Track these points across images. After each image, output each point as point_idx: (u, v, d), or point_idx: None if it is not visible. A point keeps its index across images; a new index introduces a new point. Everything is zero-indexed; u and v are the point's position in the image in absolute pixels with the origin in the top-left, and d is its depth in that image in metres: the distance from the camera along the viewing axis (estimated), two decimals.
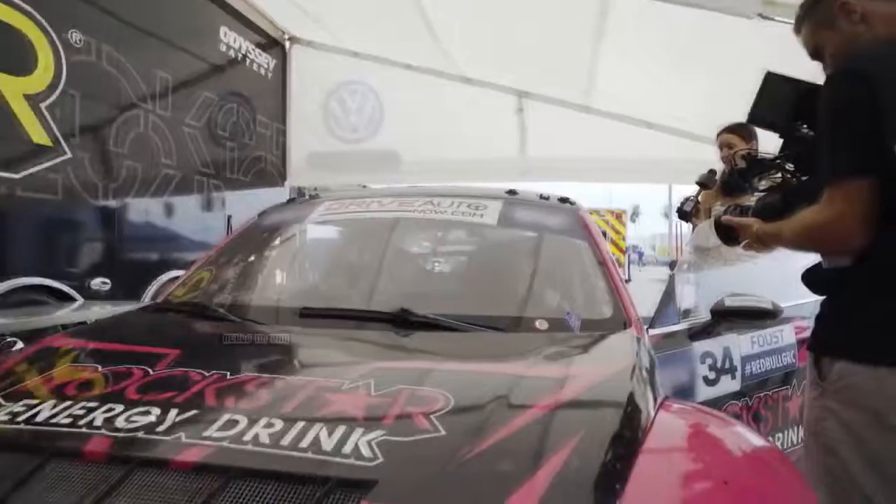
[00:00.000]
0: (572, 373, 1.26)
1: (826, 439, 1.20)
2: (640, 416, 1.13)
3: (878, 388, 1.12)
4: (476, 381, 1.19)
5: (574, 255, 1.93)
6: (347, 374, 1.14)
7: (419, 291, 1.82)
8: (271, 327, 1.55)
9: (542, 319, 1.59)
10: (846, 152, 1.16)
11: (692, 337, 1.87)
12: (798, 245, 1.34)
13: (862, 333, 1.18)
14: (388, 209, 2.04)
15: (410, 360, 1.39)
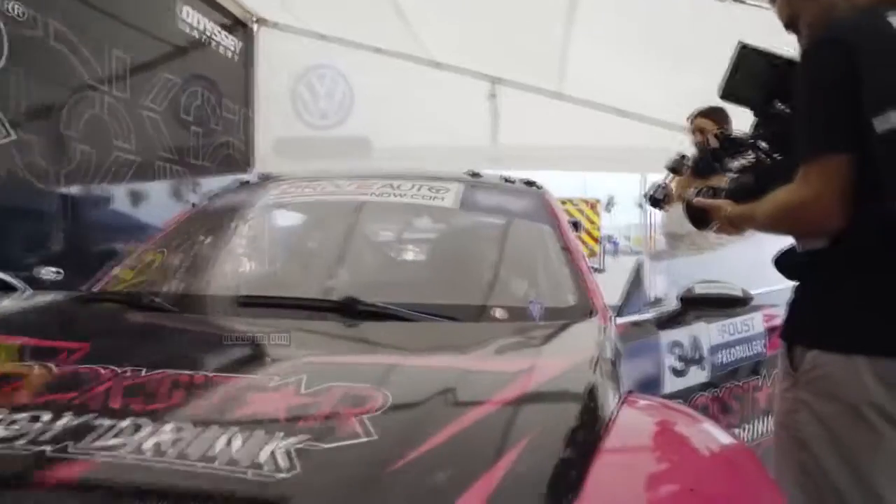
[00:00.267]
0: (528, 366, 1.15)
1: (798, 433, 1.13)
2: (600, 412, 1.03)
3: (852, 378, 1.06)
4: (421, 376, 1.08)
5: (538, 240, 1.82)
6: (279, 369, 1.02)
7: (371, 278, 1.70)
8: (207, 318, 1.42)
9: (500, 308, 1.48)
10: (823, 127, 1.09)
11: (660, 326, 1.78)
12: (771, 227, 1.26)
13: (836, 320, 1.11)
14: (343, 192, 1.91)
15: (352, 353, 1.27)
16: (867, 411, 1.05)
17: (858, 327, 1.09)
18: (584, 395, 1.03)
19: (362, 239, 1.86)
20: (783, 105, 1.32)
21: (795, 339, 1.19)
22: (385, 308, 1.42)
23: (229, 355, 1.16)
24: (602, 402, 1.06)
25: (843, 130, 1.06)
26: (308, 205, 1.97)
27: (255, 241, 1.96)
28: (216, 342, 1.25)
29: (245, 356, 1.15)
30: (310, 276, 1.67)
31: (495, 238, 1.88)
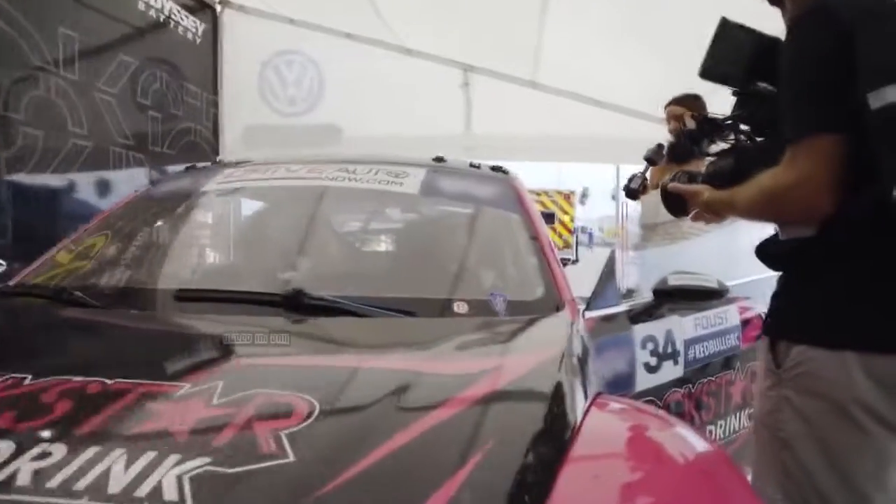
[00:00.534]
0: (488, 367, 1.01)
1: (781, 432, 1.06)
2: (566, 418, 0.91)
3: (840, 375, 0.98)
4: (364, 380, 0.94)
5: (504, 228, 1.69)
6: (194, 374, 0.87)
7: (321, 270, 1.55)
8: (131, 314, 1.26)
9: (461, 302, 1.34)
10: (812, 105, 1.00)
11: (633, 319, 1.66)
12: (754, 213, 1.17)
13: (824, 314, 1.03)
14: (295, 176, 1.75)
15: (289, 354, 1.12)
16: (854, 409, 0.98)
17: (848, 321, 1.01)
18: (548, 399, 0.91)
19: (313, 227, 1.71)
20: (766, 84, 1.23)
21: (779, 333, 1.10)
22: (335, 302, 1.28)
23: (141, 359, 1.00)
24: (569, 406, 0.94)
25: (833, 108, 0.97)
26: (256, 190, 1.80)
27: (197, 229, 1.79)
28: (131, 343, 1.10)
29: (159, 359, 0.99)
30: (254, 268, 1.51)
31: (458, 227, 1.74)
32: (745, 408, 1.95)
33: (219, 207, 1.85)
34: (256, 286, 1.38)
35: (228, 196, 1.81)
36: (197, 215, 1.80)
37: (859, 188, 0.98)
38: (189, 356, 1.04)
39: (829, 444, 1.01)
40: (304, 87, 5.05)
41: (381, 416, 0.79)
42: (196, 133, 4.57)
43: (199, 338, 1.13)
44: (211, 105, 4.78)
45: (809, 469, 1.02)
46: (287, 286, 1.31)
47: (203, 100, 4.65)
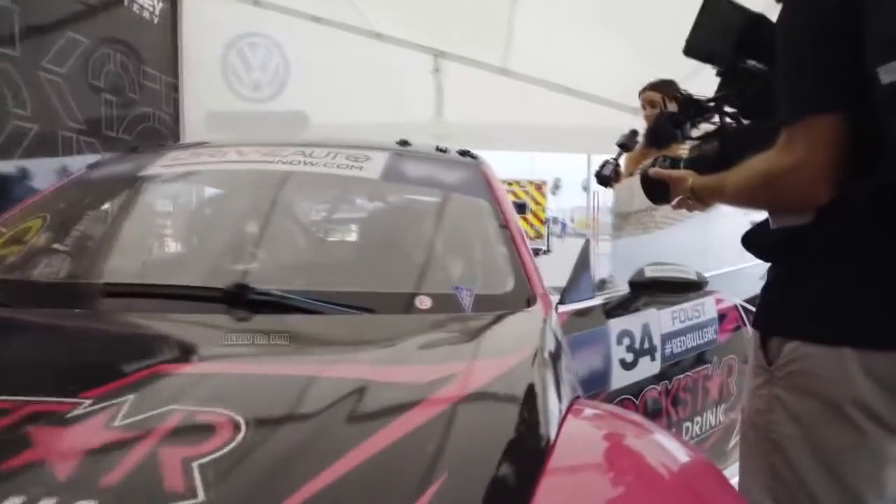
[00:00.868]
0: (451, 372, 0.88)
1: (771, 433, 0.98)
2: (541, 430, 0.79)
3: (837, 373, 0.90)
4: (304, 391, 0.80)
5: (472, 216, 1.56)
6: (101, 387, 0.72)
7: (270, 261, 1.40)
8: (47, 312, 1.09)
9: (424, 296, 1.21)
10: (812, 81, 0.90)
11: (608, 313, 1.55)
12: (745, 200, 1.08)
13: (821, 307, 0.93)
14: (246, 160, 1.59)
15: (222, 358, 0.96)
16: (849, 409, 0.89)
17: (847, 316, 0.91)
18: (521, 409, 0.80)
19: (264, 215, 1.56)
20: (755, 62, 1.13)
21: (771, 328, 1.00)
22: (283, 297, 1.14)
23: (40, 368, 0.83)
24: (543, 416, 0.83)
25: (836, 84, 0.88)
26: (203, 174, 1.63)
27: (134, 216, 1.61)
28: (32, 348, 0.93)
29: (62, 368, 0.83)
30: (195, 259, 1.35)
31: (422, 214, 1.61)
32: (721, 403, 1.88)
33: (160, 193, 1.67)
34: (196, 280, 1.23)
35: (172, 181, 1.63)
36: (135, 201, 1.62)
37: (861, 172, 0.89)
38: (99, 364, 0.86)
39: (823, 445, 0.93)
40: (270, 72, 4.85)
41: (323, 438, 0.65)
42: (155, 118, 4.32)
43: (118, 341, 0.98)
44: (171, 89, 4.53)
45: (801, 472, 0.95)
46: (230, 280, 1.17)
47: (162, 83, 4.40)
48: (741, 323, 2.00)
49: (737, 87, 1.19)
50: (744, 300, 2.08)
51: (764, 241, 1.06)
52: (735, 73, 1.19)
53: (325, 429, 0.67)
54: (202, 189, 1.70)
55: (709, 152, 1.21)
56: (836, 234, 0.92)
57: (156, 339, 0.97)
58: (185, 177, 1.63)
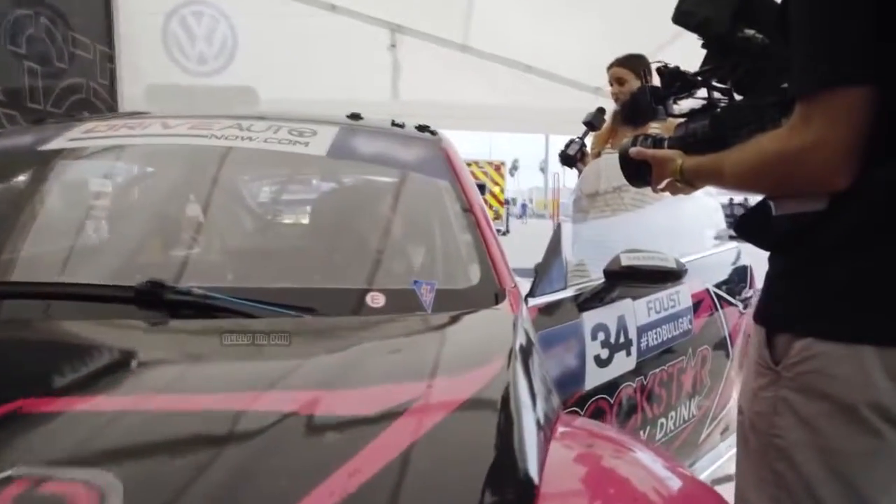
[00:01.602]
0: (406, 398, 0.69)
1: (778, 439, 0.88)
2: (522, 475, 0.62)
3: (854, 374, 0.80)
4: (210, 440, 0.60)
5: (432, 199, 1.37)
6: None
7: (193, 254, 1.18)
8: None
9: (377, 293, 1.02)
10: (834, 50, 0.79)
11: (582, 306, 1.40)
12: (750, 184, 0.97)
13: (839, 302, 0.83)
14: (172, 133, 1.35)
15: (107, 388, 0.73)
16: (866, 412, 0.80)
17: (870, 310, 0.80)
18: (496, 446, 0.62)
19: (190, 198, 1.32)
20: (754, 31, 1.02)
21: (779, 324, 0.89)
22: (206, 298, 0.93)
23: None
24: (522, 452, 0.65)
25: (862, 54, 0.77)
26: (118, 150, 1.37)
27: (30, 200, 1.34)
28: None
29: None
30: (101, 252, 1.12)
31: (376, 197, 1.41)
32: (694, 396, 1.76)
33: (64, 172, 1.39)
34: (101, 277, 1.01)
35: (80, 158, 1.35)
36: (32, 183, 1.35)
37: (883, 153, 0.77)
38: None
39: (835, 451, 0.83)
40: (216, 44, 4.50)
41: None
42: (88, 90, 3.93)
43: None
44: (106, 59, 4.13)
45: (810, 480, 0.85)
46: (142, 276, 0.95)
47: (96, 52, 4.00)
48: (714, 308, 1.88)
49: (732, 59, 1.06)
50: (713, 285, 1.97)
51: (766, 229, 0.95)
52: (730, 44, 1.05)
53: (235, 500, 0.48)
54: (118, 167, 1.44)
55: (698, 131, 1.08)
56: (857, 221, 0.80)
57: (31, 360, 0.74)
58: (97, 153, 1.35)
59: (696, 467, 1.84)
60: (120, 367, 0.77)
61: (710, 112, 1.10)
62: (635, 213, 2.28)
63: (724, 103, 1.11)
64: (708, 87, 1.14)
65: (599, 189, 2.36)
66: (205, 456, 0.55)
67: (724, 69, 1.10)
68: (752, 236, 1.01)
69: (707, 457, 1.90)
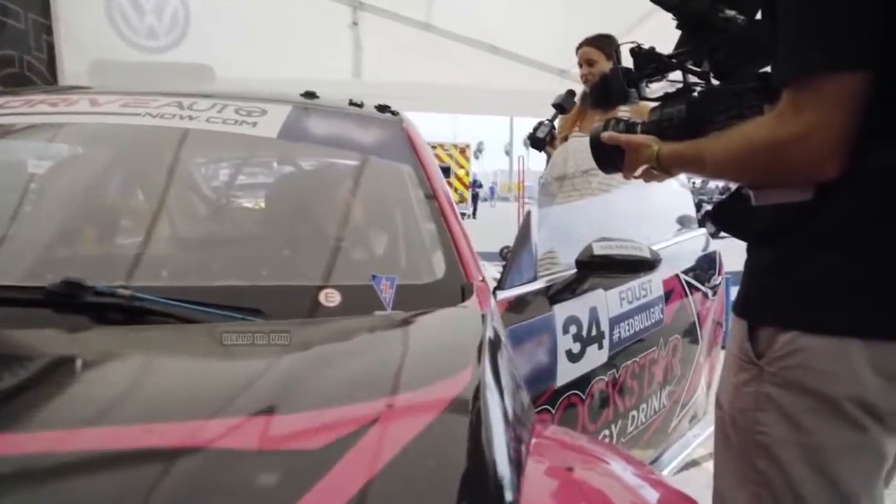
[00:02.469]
0: (359, 425, 0.59)
1: (760, 435, 0.85)
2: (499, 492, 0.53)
3: (839, 368, 0.77)
4: (119, 482, 0.48)
5: (393, 185, 1.25)
6: None
7: (122, 249, 1.05)
8: None
9: (331, 290, 0.91)
10: (829, 34, 0.75)
11: (552, 299, 1.31)
12: (733, 172, 0.93)
13: (827, 295, 0.80)
14: (101, 111, 1.20)
15: (7, 413, 0.61)
16: (849, 407, 0.78)
17: (859, 303, 0.77)
18: (468, 474, 0.52)
19: (118, 185, 1.18)
20: (735, 12, 0.98)
21: (763, 317, 0.85)
22: (134, 299, 0.80)
23: None
24: (497, 476, 0.56)
25: (860, 36, 0.73)
26: (34, 130, 1.21)
27: None
28: None
29: None
30: (9, 248, 0.98)
31: (331, 183, 1.29)
32: (665, 386, 1.71)
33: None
34: (8, 275, 0.87)
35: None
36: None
37: (874, 142, 0.74)
38: None
39: (819, 447, 0.81)
40: (167, 19, 4.23)
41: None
42: (23, 63, 3.64)
43: None
44: (41, 30, 3.82)
45: (793, 477, 0.82)
46: (58, 275, 0.82)
47: (29, 23, 3.69)
48: (684, 296, 1.84)
49: (710, 41, 0.99)
50: (683, 272, 1.93)
51: (746, 220, 0.91)
52: (708, 25, 0.98)
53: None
54: (31, 149, 1.27)
55: (674, 116, 1.01)
56: (848, 212, 0.77)
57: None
58: (7, 133, 1.19)
59: (665, 456, 1.80)
60: (17, 391, 0.64)
61: (685, 96, 1.04)
62: (602, 198, 2.21)
63: (700, 87, 1.05)
64: (683, 70, 1.07)
65: (567, 172, 2.28)
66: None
67: (701, 51, 1.04)
68: (732, 227, 0.98)
69: (676, 445, 1.87)
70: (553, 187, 2.41)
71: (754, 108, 0.91)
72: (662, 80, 1.15)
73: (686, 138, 0.97)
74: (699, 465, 2.23)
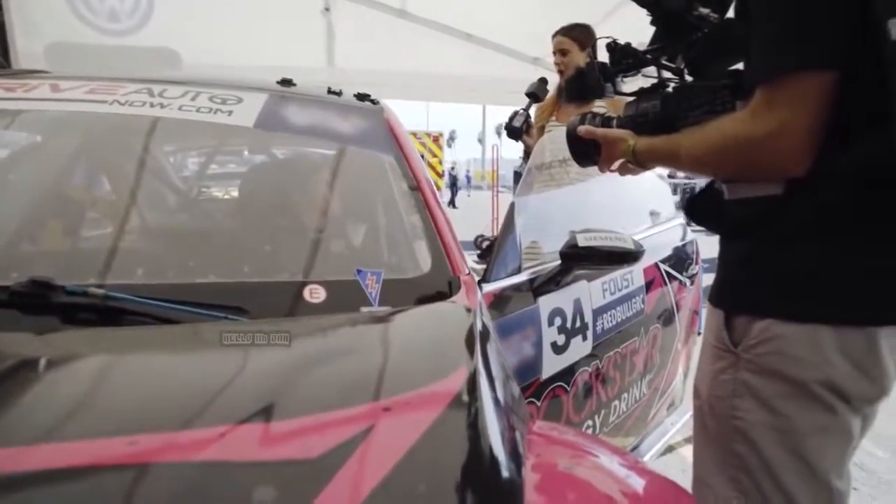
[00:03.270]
0: (352, 432, 0.57)
1: (738, 421, 0.88)
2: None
3: (809, 353, 0.81)
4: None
5: (376, 176, 1.22)
6: None
7: (93, 245, 1.00)
8: None
9: (317, 286, 0.88)
10: (802, 35, 0.78)
11: (537, 291, 1.31)
12: (709, 168, 0.96)
13: (800, 285, 0.83)
14: (64, 97, 1.14)
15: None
16: (818, 389, 0.82)
17: (829, 293, 0.81)
18: (473, 480, 0.51)
19: (87, 177, 1.12)
20: (707, 10, 0.99)
21: (739, 306, 0.89)
22: (108, 298, 0.76)
23: None
24: (502, 475, 0.55)
25: (830, 37, 0.76)
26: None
27: None
28: None
29: None
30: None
31: (311, 175, 1.25)
32: (645, 375, 1.73)
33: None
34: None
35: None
36: None
37: (843, 139, 0.78)
38: None
39: (792, 429, 0.84)
40: (129, 0, 4.08)
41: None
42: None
43: None
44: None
45: (769, 460, 0.86)
46: (24, 274, 0.77)
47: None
48: (663, 286, 1.85)
49: (685, 38, 1.00)
50: (662, 262, 1.94)
51: (719, 214, 0.94)
52: (683, 22, 0.99)
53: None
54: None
55: (649, 111, 1.03)
56: (820, 206, 0.81)
57: None
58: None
59: (644, 444, 1.83)
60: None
61: (660, 92, 1.05)
62: (578, 188, 2.22)
63: (674, 83, 1.06)
64: (658, 66, 1.08)
65: (545, 161, 2.28)
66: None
67: (676, 48, 1.05)
68: (706, 221, 1.01)
69: (655, 432, 1.89)
70: (531, 177, 2.40)
71: (727, 104, 0.94)
72: (637, 75, 1.16)
73: (661, 133, 1.00)
74: (675, 452, 2.27)
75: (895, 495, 2.12)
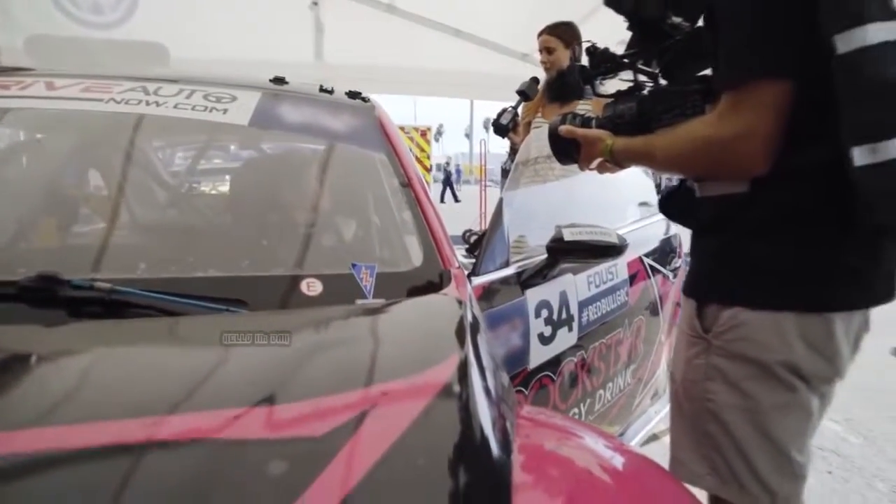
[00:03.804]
0: (348, 416, 0.61)
1: (710, 403, 0.96)
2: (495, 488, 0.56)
3: (772, 338, 0.89)
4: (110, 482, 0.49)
5: (368, 173, 1.26)
6: None
7: (95, 241, 1.03)
8: None
9: (314, 279, 0.92)
10: (762, 43, 0.85)
11: (525, 284, 1.36)
12: (681, 167, 1.02)
13: (764, 275, 0.91)
14: (60, 96, 1.16)
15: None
16: (779, 370, 0.90)
17: (791, 282, 0.89)
18: (464, 481, 0.55)
19: (86, 175, 1.15)
20: (680, 19, 1.05)
21: (710, 296, 0.97)
22: (113, 292, 0.80)
23: None
24: (490, 473, 0.60)
25: (786, 49, 0.83)
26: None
27: None
28: None
29: None
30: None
31: (306, 172, 1.28)
32: (629, 365, 1.79)
33: None
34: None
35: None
36: None
37: (801, 142, 0.85)
38: None
39: (757, 408, 0.92)
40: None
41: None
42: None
43: None
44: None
45: (738, 438, 0.93)
46: (34, 268, 0.80)
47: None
48: (647, 279, 1.91)
49: (660, 44, 1.06)
50: (646, 256, 2.00)
51: (691, 210, 1.01)
52: (658, 29, 1.05)
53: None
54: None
55: (625, 112, 1.09)
56: (781, 203, 0.88)
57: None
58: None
59: (628, 432, 1.89)
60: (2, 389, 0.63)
61: (636, 94, 1.10)
62: (563, 183, 2.27)
63: (649, 86, 1.12)
64: (634, 70, 1.14)
65: (530, 157, 2.33)
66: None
67: (651, 53, 1.11)
68: (678, 217, 1.10)
69: (639, 421, 1.96)
70: (518, 173, 2.45)
71: (697, 107, 1.00)
72: (615, 78, 1.22)
73: (637, 134, 1.07)
74: (659, 440, 2.34)
75: (866, 478, 2.22)
